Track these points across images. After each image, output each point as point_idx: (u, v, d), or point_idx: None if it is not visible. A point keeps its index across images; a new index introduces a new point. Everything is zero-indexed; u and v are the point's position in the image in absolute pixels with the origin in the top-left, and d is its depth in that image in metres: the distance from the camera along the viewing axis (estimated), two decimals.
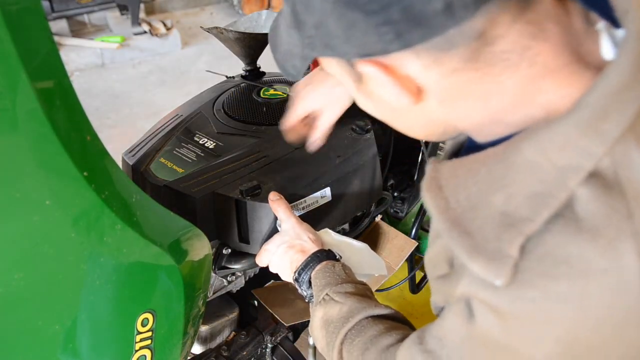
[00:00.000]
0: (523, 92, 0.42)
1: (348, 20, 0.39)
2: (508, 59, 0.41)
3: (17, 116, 0.48)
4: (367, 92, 0.48)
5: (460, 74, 0.42)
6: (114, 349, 0.67)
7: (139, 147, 0.98)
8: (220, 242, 0.95)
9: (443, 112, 0.47)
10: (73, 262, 0.58)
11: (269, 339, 1.14)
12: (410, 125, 0.52)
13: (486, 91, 0.43)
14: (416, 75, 0.43)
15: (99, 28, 4.26)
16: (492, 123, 0.46)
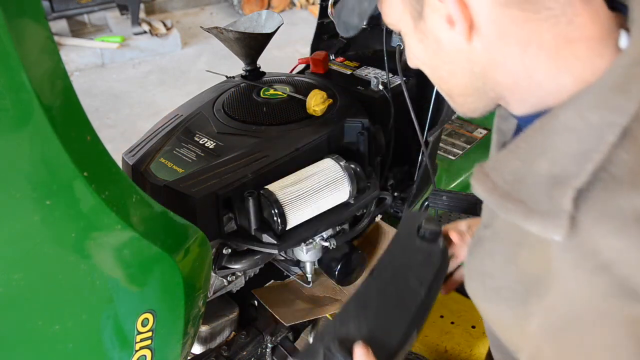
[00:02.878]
0: (558, 51, 0.46)
1: None
2: (551, 8, 0.45)
3: (18, 116, 0.48)
4: (423, 30, 0.52)
5: (509, 9, 0.46)
6: (115, 349, 0.67)
7: (139, 147, 0.98)
8: (220, 242, 0.95)
9: (485, 58, 0.50)
10: (73, 262, 0.58)
11: (269, 338, 1.14)
12: (454, 71, 0.55)
13: (526, 37, 0.47)
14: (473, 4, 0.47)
15: (99, 28, 4.26)
16: (527, 84, 0.49)
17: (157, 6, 4.82)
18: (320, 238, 1.01)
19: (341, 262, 1.03)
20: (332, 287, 1.17)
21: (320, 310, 1.11)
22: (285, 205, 0.87)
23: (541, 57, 0.47)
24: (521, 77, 0.50)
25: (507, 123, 0.65)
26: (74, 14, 4.02)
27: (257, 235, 0.89)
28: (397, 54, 1.14)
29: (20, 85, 0.47)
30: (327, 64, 1.28)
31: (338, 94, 1.11)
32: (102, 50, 3.93)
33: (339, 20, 0.60)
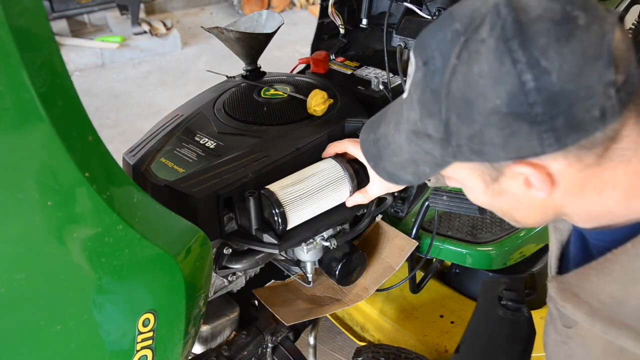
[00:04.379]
0: (632, 185, 0.48)
1: (511, 129, 0.44)
2: (624, 154, 0.47)
3: (19, 117, 0.48)
4: (496, 190, 0.53)
5: (590, 169, 0.48)
6: (116, 349, 0.67)
7: (139, 147, 0.98)
8: (221, 242, 0.95)
9: (562, 203, 0.52)
10: (74, 262, 0.58)
11: (269, 338, 1.14)
12: (527, 215, 0.56)
13: (602, 183, 0.49)
14: (558, 171, 0.48)
15: (99, 28, 4.26)
16: (598, 213, 0.52)
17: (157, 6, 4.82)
18: (321, 238, 1.01)
19: (341, 262, 1.03)
20: (332, 287, 1.17)
21: (321, 310, 1.11)
22: (286, 205, 0.87)
23: (615, 194, 0.49)
24: (594, 209, 0.52)
25: (562, 222, 0.66)
26: (74, 14, 4.02)
27: (257, 235, 0.89)
28: (397, 53, 1.15)
29: (21, 85, 0.47)
30: (328, 64, 1.28)
31: (338, 94, 1.11)
32: (102, 50, 3.93)
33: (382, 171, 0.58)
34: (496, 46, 0.43)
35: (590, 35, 0.42)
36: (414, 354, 1.22)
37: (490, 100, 0.44)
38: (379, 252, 1.19)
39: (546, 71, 0.42)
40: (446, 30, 0.46)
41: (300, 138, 0.97)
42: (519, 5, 0.43)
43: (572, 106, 0.42)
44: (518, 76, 0.42)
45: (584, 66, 0.42)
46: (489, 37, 0.43)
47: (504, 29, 0.43)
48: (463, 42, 0.44)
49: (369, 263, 1.16)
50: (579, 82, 0.42)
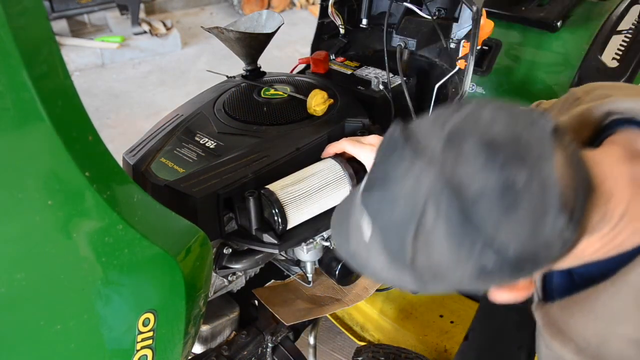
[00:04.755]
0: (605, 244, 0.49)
1: (483, 282, 0.45)
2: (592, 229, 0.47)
3: (19, 117, 0.48)
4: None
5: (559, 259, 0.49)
6: (116, 348, 0.67)
7: (139, 146, 0.98)
8: (221, 242, 0.95)
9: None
10: (75, 262, 0.58)
11: (269, 338, 1.14)
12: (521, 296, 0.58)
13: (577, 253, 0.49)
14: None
15: (99, 28, 4.26)
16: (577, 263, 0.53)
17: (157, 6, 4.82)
18: (321, 238, 1.01)
19: (341, 262, 1.03)
20: (332, 287, 1.17)
21: (321, 310, 1.11)
22: (286, 205, 0.87)
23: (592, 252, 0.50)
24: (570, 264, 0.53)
25: None
26: (74, 14, 4.02)
27: (257, 235, 0.89)
28: (397, 53, 1.15)
29: (21, 84, 0.47)
30: (328, 63, 1.28)
31: (338, 94, 1.11)
32: (102, 50, 3.93)
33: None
34: (448, 234, 0.42)
35: (533, 193, 0.42)
36: (414, 354, 1.23)
37: (458, 273, 0.44)
38: None
39: (503, 245, 0.42)
40: (392, 212, 0.45)
41: (300, 138, 0.97)
42: (455, 183, 0.42)
43: (536, 258, 0.43)
44: (478, 257, 0.43)
45: (537, 226, 0.42)
46: (437, 223, 0.43)
47: (449, 216, 0.42)
48: (414, 230, 0.44)
49: None
50: (536, 240, 0.42)
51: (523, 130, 0.43)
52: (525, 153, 0.42)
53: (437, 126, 0.45)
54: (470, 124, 0.43)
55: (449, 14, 1.24)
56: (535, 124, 0.44)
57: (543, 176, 0.42)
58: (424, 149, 0.43)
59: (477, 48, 1.11)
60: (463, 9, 1.16)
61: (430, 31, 1.19)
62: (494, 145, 0.42)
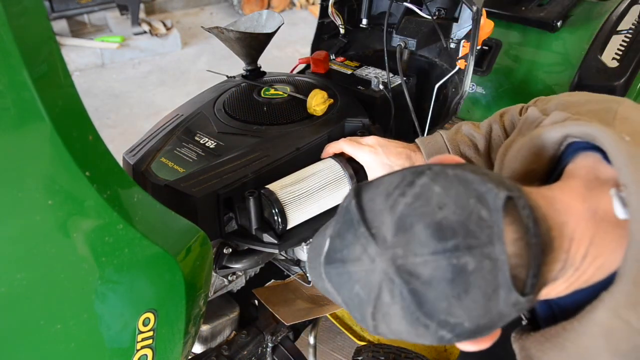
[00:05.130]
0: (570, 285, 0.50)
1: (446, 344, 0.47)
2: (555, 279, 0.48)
3: (19, 116, 0.48)
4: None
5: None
6: (116, 348, 0.67)
7: (139, 146, 0.98)
8: (221, 242, 0.95)
9: None
10: (75, 261, 0.58)
11: (269, 338, 1.14)
12: None
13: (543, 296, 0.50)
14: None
15: (99, 28, 4.26)
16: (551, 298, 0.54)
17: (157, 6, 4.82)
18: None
19: None
20: None
21: (321, 310, 1.11)
22: (286, 205, 0.87)
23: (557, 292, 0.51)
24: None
25: None
26: (74, 14, 4.02)
27: (257, 235, 0.89)
28: (397, 53, 1.15)
29: (22, 84, 0.47)
30: (328, 63, 1.28)
31: (338, 94, 1.11)
32: (102, 50, 3.93)
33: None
34: (404, 315, 0.44)
35: (483, 274, 0.42)
36: (414, 354, 1.23)
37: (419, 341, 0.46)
38: None
39: (457, 324, 0.43)
40: (350, 290, 0.47)
41: (300, 138, 0.97)
42: (408, 271, 0.43)
43: (491, 328, 0.44)
44: (434, 334, 0.44)
45: (489, 305, 0.43)
46: (393, 303, 0.44)
47: (404, 299, 0.43)
48: (373, 307, 0.45)
49: None
50: (490, 316, 0.43)
51: (473, 210, 0.43)
52: (475, 237, 0.42)
53: (388, 205, 0.45)
54: (420, 206, 0.44)
55: (449, 14, 1.24)
56: (486, 201, 0.44)
57: (493, 258, 0.42)
58: (377, 231, 0.45)
59: (477, 48, 1.11)
60: (463, 9, 1.17)
61: (430, 31, 1.19)
62: (444, 230, 0.42)
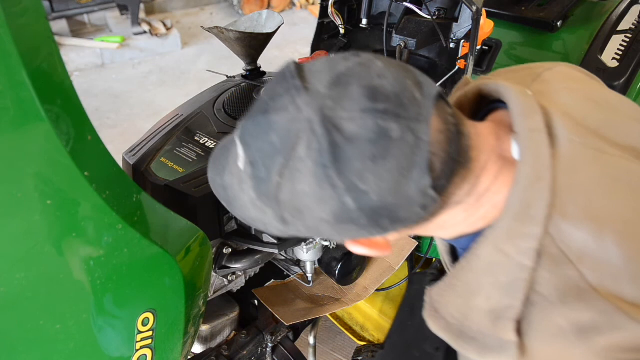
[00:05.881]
0: (469, 216, 0.51)
1: (341, 229, 0.46)
2: (458, 201, 0.50)
3: (19, 116, 0.48)
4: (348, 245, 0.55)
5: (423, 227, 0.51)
6: (115, 348, 0.67)
7: (139, 146, 0.98)
8: (220, 242, 0.95)
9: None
10: (74, 261, 0.58)
11: (269, 338, 1.14)
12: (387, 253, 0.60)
13: (442, 223, 0.52)
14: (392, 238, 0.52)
15: (99, 28, 4.25)
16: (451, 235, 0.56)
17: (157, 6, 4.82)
18: (321, 237, 1.01)
19: (341, 261, 1.03)
20: (332, 286, 1.17)
21: (321, 309, 1.11)
22: None
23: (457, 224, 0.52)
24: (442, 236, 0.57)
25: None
26: (74, 14, 4.02)
27: (257, 235, 0.89)
28: (397, 53, 1.15)
29: (21, 84, 0.47)
30: None
31: None
32: (102, 50, 3.93)
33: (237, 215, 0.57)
34: (315, 170, 0.43)
35: (404, 147, 0.42)
36: None
37: (317, 213, 0.45)
38: None
39: (365, 192, 0.43)
40: (265, 139, 0.45)
41: None
42: (333, 123, 0.42)
43: (395, 212, 0.44)
44: (339, 199, 0.43)
45: (400, 180, 0.43)
46: (307, 157, 0.43)
47: (320, 152, 0.42)
48: (284, 160, 0.44)
49: (368, 263, 1.16)
50: (397, 195, 0.43)
51: (409, 89, 0.44)
52: (405, 109, 0.43)
53: (328, 67, 0.45)
54: (360, 70, 0.44)
55: (449, 14, 1.24)
56: (422, 86, 0.45)
57: (417, 135, 0.43)
58: (311, 85, 0.44)
59: (477, 48, 1.11)
60: (463, 9, 1.16)
61: (430, 31, 1.19)
62: (378, 94, 0.43)
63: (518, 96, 0.51)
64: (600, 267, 0.45)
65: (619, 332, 0.43)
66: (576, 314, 0.45)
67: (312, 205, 0.44)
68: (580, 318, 0.44)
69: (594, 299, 0.44)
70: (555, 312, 0.45)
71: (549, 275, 0.46)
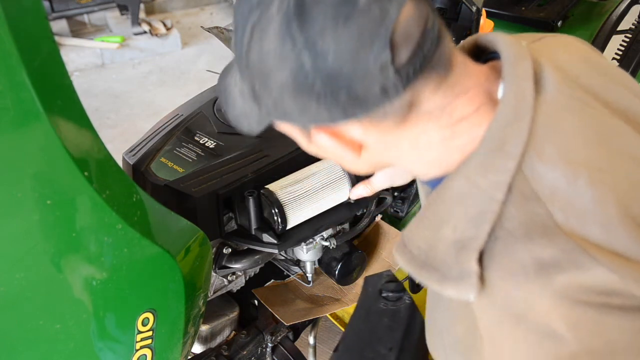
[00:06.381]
0: (443, 138, 0.51)
1: (302, 102, 0.46)
2: (431, 113, 0.49)
3: (19, 116, 0.48)
4: (318, 146, 0.55)
5: (393, 132, 0.50)
6: (115, 348, 0.67)
7: (139, 146, 0.98)
8: (220, 242, 0.95)
9: (384, 158, 0.55)
10: (74, 261, 0.58)
11: (269, 338, 1.14)
12: (359, 168, 0.59)
13: (415, 140, 0.51)
14: (358, 137, 0.51)
15: (99, 28, 4.25)
16: (424, 167, 0.55)
17: (157, 6, 4.82)
18: (321, 237, 1.01)
19: (341, 261, 1.03)
20: (332, 286, 1.17)
21: (320, 309, 1.11)
22: (286, 205, 0.87)
23: (432, 147, 0.52)
24: (417, 164, 0.55)
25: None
26: (74, 14, 4.02)
27: (257, 235, 0.89)
28: None
29: (21, 84, 0.47)
30: None
31: None
32: (102, 50, 3.92)
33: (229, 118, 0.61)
34: (280, 26, 0.44)
35: (369, 17, 0.43)
36: None
37: (278, 76, 0.46)
38: (379, 252, 1.19)
39: (322, 53, 0.43)
40: (246, 3, 0.47)
41: None
42: None
43: (351, 85, 0.44)
44: (297, 57, 0.44)
45: (359, 49, 0.43)
46: (277, 14, 0.44)
47: (288, 7, 0.44)
48: (257, 17, 0.46)
49: (368, 263, 1.16)
50: (355, 64, 0.43)
51: None
52: None
53: None
54: None
55: (448, 14, 1.24)
56: None
57: (384, 10, 0.43)
58: None
59: None
60: (463, 9, 1.17)
61: None
62: None
63: (510, 44, 0.52)
64: (570, 207, 0.45)
65: (580, 271, 0.43)
66: (539, 250, 0.45)
67: (275, 65, 0.45)
68: (543, 254, 0.44)
69: (558, 237, 0.44)
70: (518, 247, 0.46)
71: (516, 212, 0.46)
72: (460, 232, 0.49)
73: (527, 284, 0.45)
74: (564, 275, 0.44)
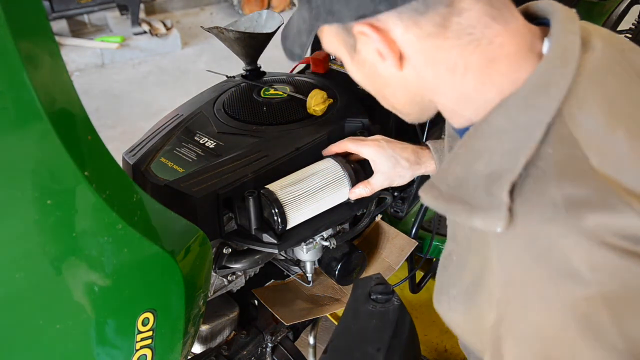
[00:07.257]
0: (482, 70, 0.51)
1: None
2: (472, 33, 0.50)
3: (19, 116, 0.48)
4: (360, 61, 0.57)
5: (433, 39, 0.51)
6: (115, 348, 0.67)
7: (139, 146, 0.98)
8: (220, 242, 0.95)
9: (418, 82, 0.56)
10: (74, 261, 0.58)
11: (269, 338, 1.14)
12: (394, 92, 0.60)
13: (453, 62, 0.52)
14: (398, 39, 0.52)
15: (99, 28, 4.26)
16: (458, 102, 0.55)
17: (157, 6, 4.82)
18: (321, 237, 1.01)
19: (341, 261, 1.03)
20: (332, 286, 1.17)
21: (320, 310, 1.11)
22: (286, 205, 0.87)
23: (468, 77, 0.52)
24: (453, 96, 0.55)
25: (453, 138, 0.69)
26: (74, 14, 4.03)
27: (257, 235, 0.89)
28: None
29: (21, 84, 0.47)
30: (328, 63, 1.28)
31: (338, 94, 1.11)
32: (102, 50, 3.93)
33: (284, 48, 0.66)
34: None
35: None
36: None
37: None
38: (379, 252, 1.19)
39: None
40: None
41: (300, 138, 0.97)
42: None
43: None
44: None
45: None
46: None
47: None
48: None
49: (368, 263, 1.16)
50: None
51: None
52: None
53: None
54: None
55: None
56: None
57: None
58: None
59: None
60: None
61: None
62: None
63: (561, 8, 0.53)
64: (606, 153, 0.46)
65: (611, 213, 0.43)
66: (571, 189, 0.45)
67: None
68: (575, 192, 0.45)
69: (593, 178, 0.45)
70: (550, 185, 0.46)
71: (552, 151, 0.47)
72: (495, 165, 0.49)
73: (554, 221, 0.45)
74: (594, 214, 0.43)
